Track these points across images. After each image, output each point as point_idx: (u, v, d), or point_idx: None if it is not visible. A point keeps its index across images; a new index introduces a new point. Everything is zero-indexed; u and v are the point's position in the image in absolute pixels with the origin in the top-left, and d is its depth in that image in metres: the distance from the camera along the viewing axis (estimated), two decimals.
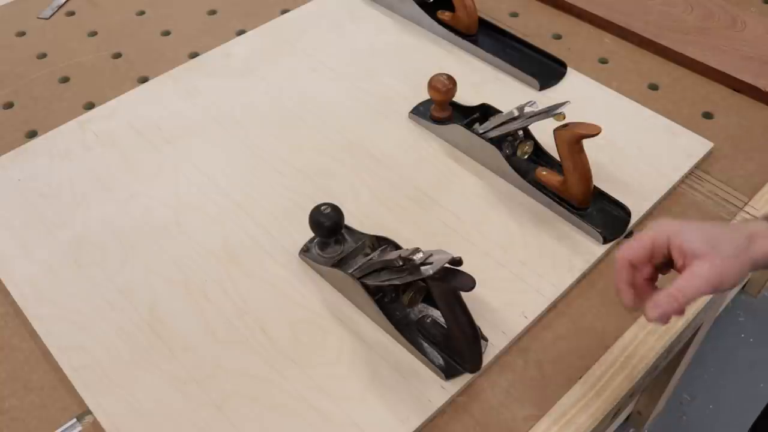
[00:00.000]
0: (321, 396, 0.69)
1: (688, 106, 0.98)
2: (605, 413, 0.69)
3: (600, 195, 0.84)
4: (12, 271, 0.80)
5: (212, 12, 1.17)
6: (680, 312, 0.57)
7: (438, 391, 0.69)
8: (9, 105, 1.02)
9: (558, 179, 0.82)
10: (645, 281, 0.61)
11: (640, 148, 0.91)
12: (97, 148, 0.94)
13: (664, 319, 0.57)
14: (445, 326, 0.69)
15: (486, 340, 0.72)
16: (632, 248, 0.60)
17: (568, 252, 0.80)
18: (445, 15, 1.07)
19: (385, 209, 0.85)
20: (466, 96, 0.95)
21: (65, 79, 1.06)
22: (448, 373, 0.69)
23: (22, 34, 1.14)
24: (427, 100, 0.95)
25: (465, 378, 0.70)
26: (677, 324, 0.75)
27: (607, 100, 0.98)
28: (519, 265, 0.79)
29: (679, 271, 0.58)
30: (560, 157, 0.80)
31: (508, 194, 0.86)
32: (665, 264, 0.61)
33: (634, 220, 0.82)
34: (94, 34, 1.14)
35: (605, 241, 0.80)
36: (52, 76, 1.06)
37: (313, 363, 0.71)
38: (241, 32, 1.12)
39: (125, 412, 0.68)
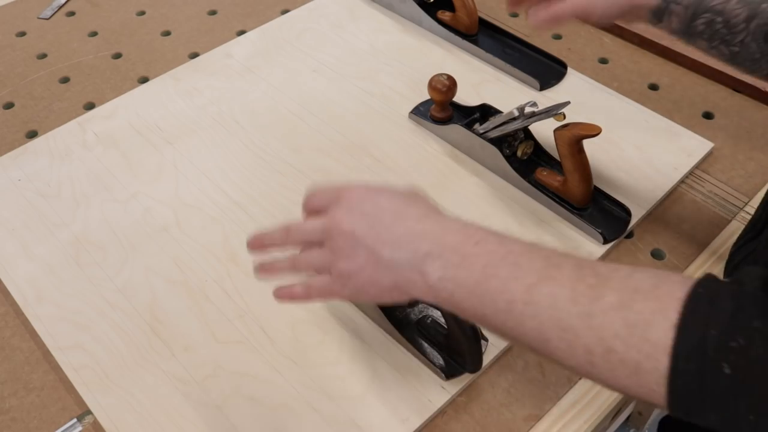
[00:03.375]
0: (321, 396, 0.69)
1: (688, 106, 0.98)
2: (605, 413, 0.69)
3: (600, 195, 0.84)
4: (12, 271, 0.80)
5: (212, 12, 1.17)
6: (552, 19, 0.72)
7: (438, 391, 0.69)
8: (9, 105, 1.02)
9: (558, 179, 0.82)
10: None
11: (640, 148, 0.91)
12: (97, 148, 0.94)
13: (541, 22, 0.72)
14: (445, 326, 0.69)
15: (486, 340, 0.72)
16: None
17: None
18: (445, 15, 1.07)
19: None
20: (466, 96, 0.95)
21: (65, 79, 1.06)
22: (448, 373, 0.69)
23: (22, 34, 1.14)
24: (427, 100, 0.95)
25: (465, 378, 0.70)
26: None
27: (607, 100, 0.98)
28: None
29: None
30: (560, 157, 0.80)
31: (508, 194, 0.86)
32: None
33: (634, 220, 0.82)
34: (94, 34, 1.14)
35: (605, 241, 0.80)
36: (52, 76, 1.06)
37: (313, 363, 0.71)
38: (241, 32, 1.12)
39: (125, 412, 0.68)
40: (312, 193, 0.59)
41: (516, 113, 0.83)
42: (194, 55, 1.08)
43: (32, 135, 0.97)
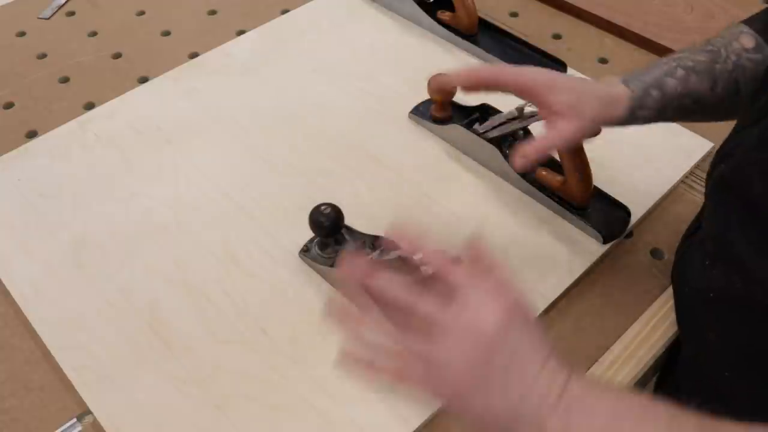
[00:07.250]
0: (321, 396, 0.69)
1: None
2: None
3: (600, 195, 0.84)
4: (12, 271, 0.80)
5: (212, 12, 1.17)
6: (540, 158, 0.68)
7: None
8: (9, 105, 1.02)
9: (558, 179, 0.82)
10: None
11: (640, 148, 0.91)
12: (97, 148, 0.94)
13: (529, 165, 0.68)
14: None
15: None
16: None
17: (568, 252, 0.80)
18: (445, 15, 1.07)
19: (385, 209, 0.85)
20: (466, 96, 0.94)
21: (65, 79, 1.06)
22: None
23: (22, 34, 1.14)
24: (427, 100, 0.95)
25: None
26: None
27: None
28: (519, 265, 0.79)
29: (544, 118, 0.70)
30: (560, 157, 0.80)
31: (508, 194, 0.86)
32: None
33: (634, 220, 0.82)
34: (94, 34, 1.14)
35: (605, 241, 0.80)
36: (52, 76, 1.06)
37: (313, 363, 0.71)
38: (241, 32, 1.12)
39: (125, 412, 0.68)
40: None
41: (515, 113, 0.83)
42: (194, 55, 1.08)
43: (32, 135, 0.97)
